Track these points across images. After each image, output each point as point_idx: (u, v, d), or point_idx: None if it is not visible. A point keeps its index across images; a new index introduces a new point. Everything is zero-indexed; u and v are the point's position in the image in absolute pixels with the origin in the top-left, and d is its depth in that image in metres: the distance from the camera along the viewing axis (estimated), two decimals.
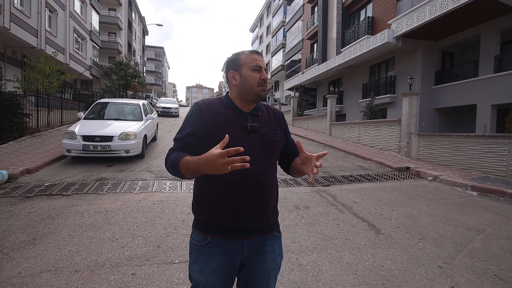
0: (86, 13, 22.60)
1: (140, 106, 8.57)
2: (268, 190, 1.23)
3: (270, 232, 1.28)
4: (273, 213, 1.29)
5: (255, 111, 1.29)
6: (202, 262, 1.19)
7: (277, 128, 1.31)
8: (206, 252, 1.20)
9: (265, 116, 1.31)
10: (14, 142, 7.98)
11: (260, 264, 1.25)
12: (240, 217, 1.19)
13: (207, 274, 1.18)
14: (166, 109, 20.43)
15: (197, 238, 1.24)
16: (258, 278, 1.26)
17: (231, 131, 1.14)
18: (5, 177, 5.15)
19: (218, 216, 1.19)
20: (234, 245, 1.20)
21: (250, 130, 1.21)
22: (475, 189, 5.57)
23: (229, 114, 1.23)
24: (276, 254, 1.29)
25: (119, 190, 4.98)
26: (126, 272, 2.52)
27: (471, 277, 2.60)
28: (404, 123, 9.14)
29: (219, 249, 1.19)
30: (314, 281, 2.48)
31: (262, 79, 1.23)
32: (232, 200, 1.18)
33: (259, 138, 1.23)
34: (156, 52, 61.45)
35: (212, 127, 1.18)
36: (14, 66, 14.55)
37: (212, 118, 1.20)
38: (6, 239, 3.06)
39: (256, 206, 1.20)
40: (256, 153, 1.18)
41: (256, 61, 1.24)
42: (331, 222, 3.83)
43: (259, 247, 1.25)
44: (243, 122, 1.22)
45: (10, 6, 11.83)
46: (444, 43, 12.19)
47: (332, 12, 19.24)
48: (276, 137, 1.28)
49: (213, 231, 1.21)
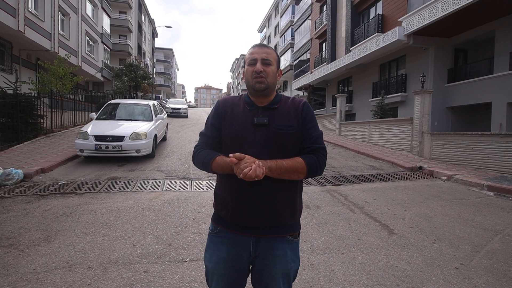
0: (98, 16, 23.03)
1: (150, 106, 8.67)
2: (273, 187, 1.19)
3: (280, 234, 1.24)
4: (285, 214, 1.23)
5: (271, 104, 1.28)
6: (211, 251, 1.28)
7: (293, 120, 1.24)
8: (215, 241, 1.28)
9: (284, 109, 1.27)
10: (29, 142, 8.18)
11: (270, 266, 1.22)
12: (244, 213, 1.20)
13: (214, 263, 1.25)
14: (176, 110, 20.61)
15: (211, 227, 1.33)
16: (268, 280, 1.24)
17: (240, 125, 1.23)
18: (21, 176, 5.28)
19: (225, 209, 1.25)
20: (240, 240, 1.23)
21: (257, 124, 1.22)
22: (491, 189, 5.41)
23: (242, 108, 1.28)
24: (289, 259, 1.24)
25: (130, 189, 5.03)
26: (138, 269, 2.53)
27: (490, 279, 2.52)
28: (416, 122, 8.96)
29: (227, 240, 1.25)
30: (327, 281, 2.44)
31: (255, 71, 1.23)
32: (236, 196, 1.21)
33: (267, 132, 1.21)
34: (165, 53, 62.15)
35: (227, 118, 1.27)
36: (29, 68, 14.93)
37: (227, 110, 1.29)
38: (22, 236, 3.12)
39: (259, 203, 1.19)
40: (259, 149, 1.19)
41: (252, 54, 1.26)
42: (343, 222, 3.77)
43: (268, 248, 1.23)
44: (252, 116, 1.24)
45: (24, 10, 12.14)
46: (457, 40, 11.90)
47: (341, 11, 19.06)
48: (289, 130, 1.22)
49: (221, 223, 1.28)
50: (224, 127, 1.27)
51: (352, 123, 13.34)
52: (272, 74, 1.26)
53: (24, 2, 12.05)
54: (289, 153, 1.22)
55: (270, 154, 1.19)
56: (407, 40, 11.92)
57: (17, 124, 7.83)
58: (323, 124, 15.93)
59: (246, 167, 1.06)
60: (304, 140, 1.25)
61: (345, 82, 19.57)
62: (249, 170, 1.05)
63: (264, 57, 1.24)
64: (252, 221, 1.21)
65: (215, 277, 1.26)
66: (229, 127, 1.25)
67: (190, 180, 5.80)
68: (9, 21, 11.13)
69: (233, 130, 1.24)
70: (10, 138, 7.75)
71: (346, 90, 18.36)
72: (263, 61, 1.24)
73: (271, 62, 1.26)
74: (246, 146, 1.19)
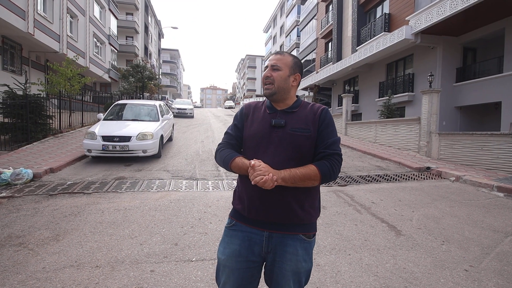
0: (105, 18, 23.30)
1: (157, 107, 8.73)
2: (283, 188, 1.20)
3: (293, 232, 1.27)
4: (296, 212, 1.25)
5: (290, 108, 1.34)
6: (225, 243, 1.33)
7: (310, 123, 1.29)
8: (230, 235, 1.34)
9: (302, 113, 1.33)
10: (38, 142, 8.31)
11: (282, 263, 1.26)
12: (257, 209, 1.26)
13: (227, 256, 1.29)
14: (181, 110, 20.72)
15: (228, 221, 1.40)
16: (278, 276, 1.26)
17: (258, 125, 1.33)
18: (30, 176, 5.36)
19: (242, 204, 1.32)
20: (254, 234, 1.28)
21: (274, 125, 1.29)
22: (501, 190, 5.31)
23: (263, 111, 1.38)
24: (300, 258, 1.26)
25: (137, 189, 5.08)
26: (145, 268, 2.55)
27: (500, 281, 2.47)
28: (424, 122, 8.85)
29: (241, 233, 1.31)
30: (333, 282, 2.43)
31: (263, 77, 1.35)
32: (251, 193, 1.27)
33: (283, 133, 1.27)
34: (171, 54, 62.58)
35: (249, 120, 1.38)
36: (38, 70, 15.18)
37: (250, 113, 1.41)
38: (31, 235, 3.17)
39: (270, 202, 1.24)
40: (273, 147, 1.26)
41: (268, 61, 1.38)
42: (349, 223, 3.75)
43: (280, 245, 1.26)
44: (271, 119, 1.32)
45: (34, 12, 12.35)
46: (465, 38, 11.72)
47: (347, 10, 18.94)
48: (305, 132, 1.27)
49: (237, 217, 1.35)
50: (246, 127, 1.37)
51: (358, 123, 13.24)
52: (280, 78, 1.31)
53: (33, 5, 12.25)
54: (303, 155, 1.26)
55: (284, 154, 1.24)
56: (415, 39, 11.77)
57: (26, 125, 7.97)
58: None
59: (259, 175, 1.14)
60: (318, 145, 1.27)
61: (351, 81, 19.43)
62: (260, 179, 1.13)
63: (273, 63, 1.32)
64: (265, 217, 1.26)
65: (226, 270, 1.29)
66: (249, 128, 1.35)
67: (196, 180, 5.82)
68: (19, 23, 11.34)
69: (253, 130, 1.33)
70: (19, 138, 7.89)
71: (352, 90, 18.23)
72: (272, 67, 1.32)
73: (280, 68, 1.31)
74: (262, 146, 1.28)
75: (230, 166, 1.29)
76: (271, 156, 1.24)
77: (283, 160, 1.23)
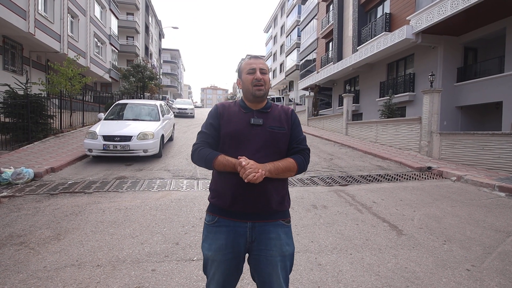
0: (106, 18, 23.32)
1: (158, 106, 8.73)
2: (266, 180, 1.31)
3: (273, 220, 1.38)
4: (276, 201, 1.38)
5: (264, 108, 1.46)
6: (210, 240, 1.38)
7: (284, 122, 1.44)
8: (214, 231, 1.39)
9: (275, 113, 1.47)
10: (39, 142, 8.32)
11: (266, 250, 1.35)
12: (240, 201, 1.34)
13: (214, 251, 1.36)
14: (182, 110, 20.74)
15: (208, 219, 1.43)
16: (265, 264, 1.35)
17: (236, 124, 1.40)
18: (31, 175, 5.37)
19: (224, 200, 1.37)
20: (238, 227, 1.36)
21: (253, 124, 1.39)
22: (503, 189, 5.29)
23: (238, 111, 1.45)
24: (283, 242, 1.37)
25: (138, 188, 5.08)
26: (146, 268, 2.55)
27: (502, 281, 2.46)
28: (425, 122, 8.83)
29: (225, 228, 1.37)
30: (335, 281, 2.42)
31: (255, 79, 1.41)
32: (236, 188, 1.34)
33: (262, 131, 1.39)
34: (172, 54, 62.58)
35: (225, 118, 1.43)
36: (39, 70, 15.19)
37: (225, 112, 1.45)
38: (32, 234, 3.17)
39: (254, 192, 1.33)
40: (255, 144, 1.36)
41: (251, 64, 1.44)
42: (350, 222, 3.74)
43: (263, 233, 1.36)
44: (249, 118, 1.41)
45: (34, 12, 12.36)
46: (466, 38, 11.70)
47: (348, 10, 18.92)
48: (281, 130, 1.42)
49: (219, 213, 1.39)
50: (222, 126, 1.42)
51: (359, 123, 13.23)
52: (268, 81, 1.46)
53: (34, 5, 12.26)
54: (280, 150, 1.41)
55: (265, 151, 1.37)
56: (416, 39, 11.76)
57: (27, 124, 7.98)
58: (330, 124, 15.82)
59: (251, 173, 1.22)
60: (292, 141, 1.45)
61: (352, 81, 19.42)
62: (253, 177, 1.22)
63: (261, 67, 1.43)
64: (248, 208, 1.34)
65: (215, 264, 1.37)
66: (227, 127, 1.41)
67: (197, 179, 5.82)
68: (19, 23, 11.35)
69: (232, 130, 1.39)
70: (21, 138, 7.90)
71: (353, 90, 18.21)
72: (261, 70, 1.43)
73: (266, 72, 1.46)
74: (244, 144, 1.36)
75: (213, 165, 1.35)
76: (253, 152, 1.34)
77: (265, 155, 1.35)
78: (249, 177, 1.22)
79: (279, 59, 41.14)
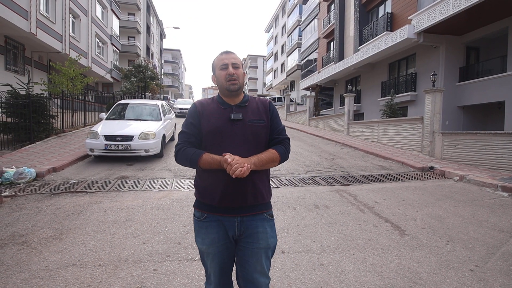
0: (107, 18, 23.36)
1: (159, 106, 8.73)
2: (251, 173, 1.35)
3: (258, 211, 1.44)
4: (261, 193, 1.43)
5: (242, 103, 1.49)
6: (203, 235, 1.45)
7: (263, 115, 1.48)
8: (205, 226, 1.44)
9: (253, 106, 1.49)
10: (41, 142, 8.34)
11: (254, 243, 1.42)
12: (227, 197, 1.38)
13: (208, 245, 1.43)
14: (183, 110, 20.75)
15: (197, 215, 1.48)
16: (251, 256, 1.41)
17: (217, 121, 1.41)
18: (33, 175, 5.38)
19: (212, 197, 1.40)
20: (227, 221, 1.42)
21: (233, 119, 1.41)
22: (506, 189, 5.26)
23: (217, 107, 1.47)
24: (269, 236, 1.45)
25: (139, 188, 5.08)
26: (148, 267, 2.54)
27: (506, 281, 2.44)
28: (427, 121, 8.80)
29: (214, 223, 1.43)
30: (337, 281, 2.41)
31: (228, 74, 1.43)
32: (225, 184, 1.37)
33: (243, 126, 1.41)
34: (173, 54, 62.64)
35: (205, 116, 1.44)
36: (41, 70, 15.24)
37: (204, 110, 1.46)
38: (34, 234, 3.18)
39: (240, 186, 1.37)
40: (237, 139, 1.39)
41: (223, 60, 1.45)
42: (353, 222, 3.72)
43: (251, 227, 1.42)
44: (228, 113, 1.43)
45: (36, 13, 12.40)
46: (468, 37, 11.66)
47: (349, 10, 18.89)
48: (261, 122, 1.45)
49: (208, 209, 1.44)
50: (203, 124, 1.44)
51: (360, 122, 13.20)
52: (242, 75, 1.47)
53: (36, 5, 12.30)
54: (262, 142, 1.45)
55: (248, 145, 1.40)
56: (417, 38, 11.73)
57: (29, 124, 8.00)
58: (331, 123, 15.78)
59: (237, 168, 1.25)
60: (272, 132, 1.49)
61: (353, 81, 19.38)
62: (240, 171, 1.24)
63: (233, 62, 1.44)
64: (236, 203, 1.39)
65: (210, 256, 1.45)
66: (207, 124, 1.42)
67: None
68: (21, 23, 11.38)
69: (212, 126, 1.41)
70: (22, 138, 7.92)
71: (354, 90, 18.17)
72: (233, 65, 1.44)
73: (239, 66, 1.47)
74: (226, 140, 1.39)
75: (198, 164, 1.36)
76: (237, 147, 1.37)
77: (248, 149, 1.39)
78: (236, 173, 1.24)
79: (280, 59, 41.11)
